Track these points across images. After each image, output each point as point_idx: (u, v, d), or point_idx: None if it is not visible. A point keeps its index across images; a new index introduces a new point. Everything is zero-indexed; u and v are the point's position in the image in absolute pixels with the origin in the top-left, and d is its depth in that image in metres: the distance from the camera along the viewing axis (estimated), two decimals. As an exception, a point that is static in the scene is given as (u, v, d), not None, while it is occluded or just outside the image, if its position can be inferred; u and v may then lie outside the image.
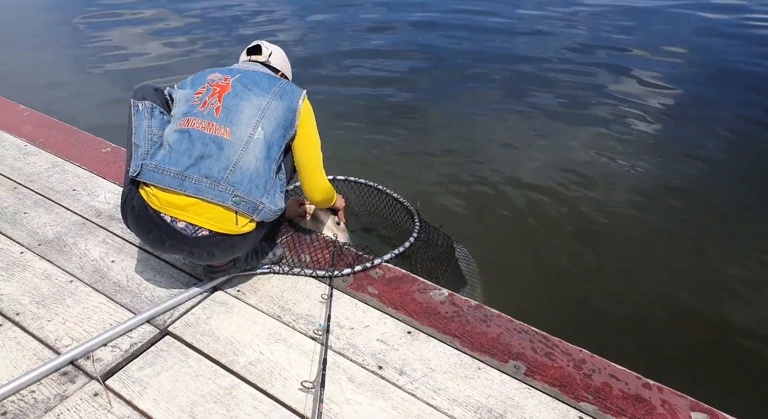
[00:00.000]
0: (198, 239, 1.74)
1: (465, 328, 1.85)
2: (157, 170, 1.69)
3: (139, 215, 1.75)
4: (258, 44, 2.09)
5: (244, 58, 2.10)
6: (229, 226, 1.73)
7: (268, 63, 2.06)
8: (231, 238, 1.76)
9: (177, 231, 1.72)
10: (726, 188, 3.75)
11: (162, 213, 1.71)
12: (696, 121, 4.63)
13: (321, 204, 2.12)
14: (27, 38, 6.72)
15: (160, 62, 5.86)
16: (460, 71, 5.57)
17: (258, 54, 2.07)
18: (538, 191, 3.63)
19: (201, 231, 1.72)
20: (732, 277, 2.90)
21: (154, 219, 1.73)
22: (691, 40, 6.42)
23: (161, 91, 1.91)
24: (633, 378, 1.68)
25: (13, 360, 1.67)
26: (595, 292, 2.83)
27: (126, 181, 1.79)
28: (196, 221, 1.71)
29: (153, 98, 1.86)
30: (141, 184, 1.74)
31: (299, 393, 1.60)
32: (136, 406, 1.55)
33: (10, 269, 2.05)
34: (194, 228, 1.72)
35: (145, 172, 1.70)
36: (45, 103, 4.33)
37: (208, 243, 1.75)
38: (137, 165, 1.71)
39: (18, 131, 3.02)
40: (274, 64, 2.08)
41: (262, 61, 2.05)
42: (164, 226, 1.73)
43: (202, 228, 1.71)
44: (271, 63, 2.07)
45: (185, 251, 1.77)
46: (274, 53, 2.11)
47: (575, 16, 7.26)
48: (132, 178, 1.73)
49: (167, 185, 1.68)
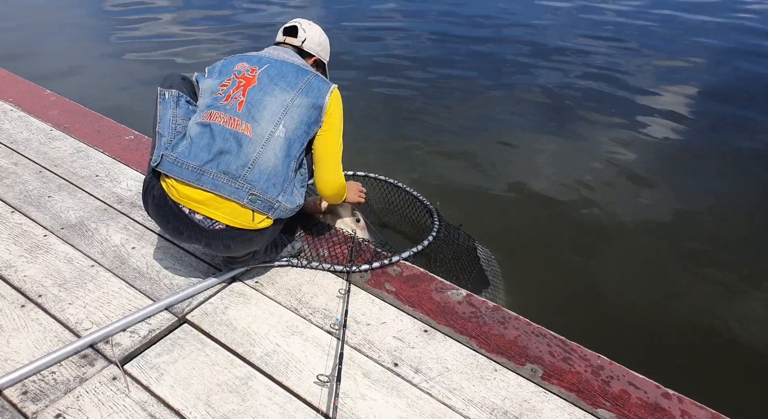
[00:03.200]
0: (215, 232, 1.74)
1: (482, 329, 1.83)
2: (176, 163, 1.70)
3: (159, 205, 1.76)
4: (295, 25, 2.02)
5: (280, 37, 2.03)
6: (246, 222, 1.73)
7: (302, 47, 2.00)
8: (247, 233, 1.77)
9: (195, 222, 1.73)
10: (753, 198, 3.68)
11: (181, 204, 1.72)
12: (722, 131, 4.55)
13: (331, 199, 2.04)
14: (57, 25, 6.81)
15: (185, 47, 5.91)
16: (484, 75, 5.54)
17: (293, 36, 2.00)
18: (560, 195, 3.59)
19: (217, 225, 1.73)
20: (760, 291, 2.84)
21: (173, 210, 1.74)
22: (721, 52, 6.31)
23: (188, 80, 1.92)
24: (652, 386, 1.65)
25: (35, 340, 1.69)
26: (615, 299, 2.79)
27: (148, 169, 1.80)
28: (213, 215, 1.71)
29: (180, 87, 1.87)
30: (162, 175, 1.75)
31: (314, 387, 1.60)
32: (153, 392, 1.56)
33: (33, 251, 2.07)
34: (211, 222, 1.72)
35: (164, 164, 1.71)
36: (72, 88, 4.39)
37: (224, 236, 1.76)
38: (158, 155, 1.72)
39: (45, 116, 3.06)
40: (308, 49, 2.01)
41: (297, 46, 2.00)
42: (183, 217, 1.74)
43: (219, 221, 1.72)
44: (305, 47, 2.01)
45: (202, 242, 1.78)
46: (311, 37, 2.03)
47: (604, 26, 7.17)
48: (152, 168, 1.74)
49: (185, 179, 1.68)
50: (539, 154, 4.15)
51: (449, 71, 5.63)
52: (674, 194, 3.68)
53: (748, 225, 3.40)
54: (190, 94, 1.87)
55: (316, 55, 2.06)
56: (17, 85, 3.43)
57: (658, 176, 3.88)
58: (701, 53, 6.24)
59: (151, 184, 1.78)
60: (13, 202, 2.35)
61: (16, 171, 2.56)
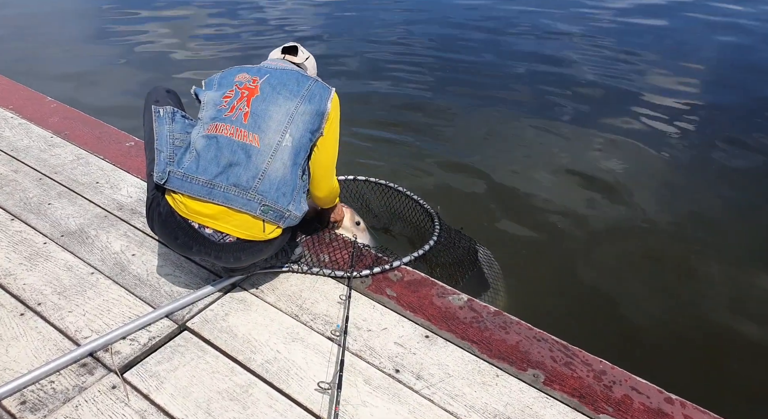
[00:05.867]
0: (225, 245, 1.74)
1: (483, 334, 1.82)
2: (185, 179, 1.68)
3: (166, 221, 1.75)
4: (295, 45, 2.02)
5: (278, 55, 2.02)
6: (256, 233, 1.73)
7: (303, 66, 2.00)
8: (258, 244, 1.77)
9: (205, 237, 1.73)
10: (754, 198, 3.67)
11: (190, 220, 1.71)
12: (729, 135, 4.53)
13: (322, 200, 2.05)
14: (53, 28, 6.83)
15: (187, 54, 5.92)
16: (485, 80, 5.52)
17: (293, 55, 2.00)
18: (560, 200, 3.57)
19: (228, 238, 1.72)
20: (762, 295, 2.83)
21: (182, 226, 1.73)
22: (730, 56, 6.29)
23: (173, 92, 1.93)
24: (655, 391, 1.64)
25: (33, 349, 1.69)
26: (617, 303, 2.77)
27: (150, 186, 1.78)
28: (224, 229, 1.71)
29: (166, 100, 1.87)
30: (167, 190, 1.73)
31: (315, 394, 1.59)
32: (153, 400, 1.55)
33: (33, 259, 2.07)
34: (222, 235, 1.72)
35: (173, 180, 1.69)
36: (71, 93, 4.40)
37: (235, 249, 1.75)
38: (163, 171, 1.71)
39: (45, 123, 3.06)
40: (308, 70, 2.02)
41: (297, 63, 1.99)
42: (191, 232, 1.73)
43: (230, 235, 1.72)
44: (306, 67, 2.01)
45: (212, 256, 1.78)
46: (310, 59, 2.05)
47: (608, 29, 7.16)
48: (157, 184, 1.72)
49: (196, 193, 1.67)
50: (540, 159, 4.14)
51: (451, 74, 5.63)
52: (676, 197, 3.67)
53: (748, 228, 3.38)
54: (179, 106, 1.87)
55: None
56: (18, 92, 3.43)
57: (660, 179, 3.87)
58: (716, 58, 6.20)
59: (156, 200, 1.76)
60: (13, 209, 2.35)
61: (17, 178, 2.56)
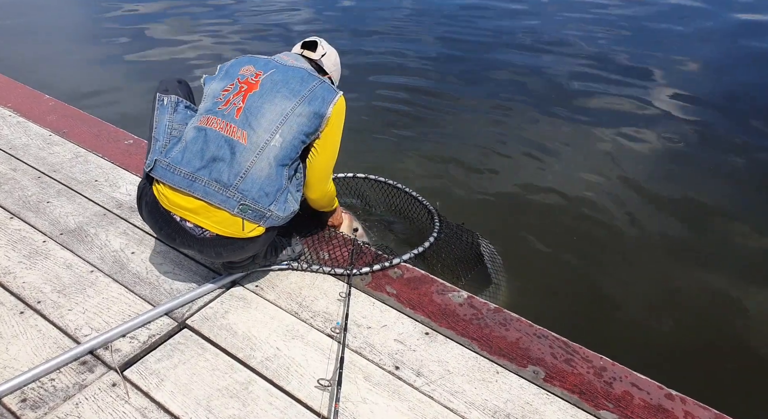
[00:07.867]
0: (206, 240, 1.73)
1: (484, 331, 1.82)
2: (169, 168, 1.68)
3: (152, 211, 1.76)
4: (315, 40, 2.00)
5: (297, 49, 2.00)
6: (235, 232, 1.71)
7: (320, 63, 1.98)
8: (238, 241, 1.75)
9: (186, 230, 1.73)
10: (755, 199, 3.66)
11: (172, 212, 1.71)
12: (732, 136, 4.51)
13: (315, 203, 2.03)
14: (52, 27, 6.81)
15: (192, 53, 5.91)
16: (486, 78, 5.51)
17: (312, 50, 1.99)
18: (562, 197, 3.56)
19: (207, 233, 1.71)
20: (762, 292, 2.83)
21: (165, 217, 1.74)
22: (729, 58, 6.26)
23: (185, 83, 1.91)
24: (655, 387, 1.64)
25: (34, 347, 1.69)
26: (617, 300, 2.77)
27: (143, 174, 1.79)
28: (202, 224, 1.69)
29: (176, 90, 1.86)
30: (154, 180, 1.74)
31: (315, 391, 1.59)
32: (153, 398, 1.55)
33: (32, 257, 2.07)
34: (201, 230, 1.71)
35: (157, 169, 1.70)
36: (71, 92, 4.39)
37: (215, 244, 1.75)
38: (152, 159, 1.72)
39: (43, 121, 3.06)
40: (324, 66, 2.00)
41: (314, 59, 1.97)
42: (174, 224, 1.73)
43: (209, 230, 1.71)
44: (323, 63, 1.99)
45: (195, 249, 1.79)
46: (329, 55, 2.03)
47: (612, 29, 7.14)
48: (146, 173, 1.73)
49: (177, 185, 1.67)
50: (541, 156, 4.12)
51: (451, 73, 5.61)
52: (677, 197, 3.65)
53: (749, 228, 3.38)
54: (188, 97, 1.86)
55: (330, 74, 2.05)
56: (15, 90, 3.42)
57: (661, 178, 3.85)
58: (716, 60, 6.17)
59: (145, 190, 1.77)
60: (12, 207, 2.34)
61: (15, 176, 2.55)
